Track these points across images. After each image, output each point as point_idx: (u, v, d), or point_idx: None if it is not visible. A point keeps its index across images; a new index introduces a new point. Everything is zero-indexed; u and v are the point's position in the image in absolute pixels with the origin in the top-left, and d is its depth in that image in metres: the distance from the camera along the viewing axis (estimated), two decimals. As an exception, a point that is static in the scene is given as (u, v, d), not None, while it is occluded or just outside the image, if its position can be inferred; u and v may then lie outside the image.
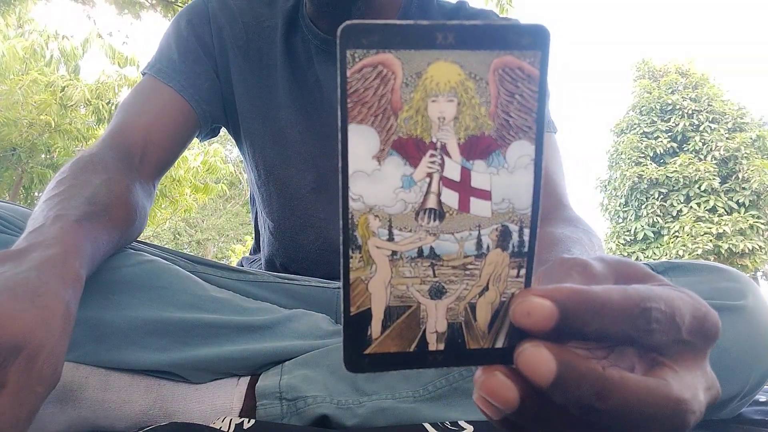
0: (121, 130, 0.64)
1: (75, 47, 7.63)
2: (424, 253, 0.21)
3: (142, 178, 0.62)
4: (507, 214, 0.21)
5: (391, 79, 0.20)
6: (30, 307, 0.34)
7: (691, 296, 0.23)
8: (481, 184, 0.21)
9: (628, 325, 0.21)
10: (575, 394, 0.19)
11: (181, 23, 0.73)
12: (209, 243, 16.23)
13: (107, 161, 0.58)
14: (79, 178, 0.53)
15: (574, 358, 0.20)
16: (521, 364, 0.20)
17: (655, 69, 15.47)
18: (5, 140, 7.28)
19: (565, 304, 0.20)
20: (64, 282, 0.38)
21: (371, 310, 0.21)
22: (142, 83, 0.70)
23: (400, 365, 0.22)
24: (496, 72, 0.20)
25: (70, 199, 0.48)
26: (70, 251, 0.41)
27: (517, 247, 0.22)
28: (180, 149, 0.70)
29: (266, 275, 0.67)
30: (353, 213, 0.20)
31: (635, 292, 0.21)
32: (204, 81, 0.70)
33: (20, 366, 0.32)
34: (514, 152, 0.21)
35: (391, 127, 0.20)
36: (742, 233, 12.34)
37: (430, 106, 0.20)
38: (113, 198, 0.52)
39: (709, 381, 0.23)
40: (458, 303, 0.22)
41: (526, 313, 0.20)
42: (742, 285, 0.52)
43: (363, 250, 0.21)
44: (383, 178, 0.20)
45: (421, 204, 0.21)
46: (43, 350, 0.33)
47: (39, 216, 0.45)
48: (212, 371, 0.54)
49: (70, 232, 0.43)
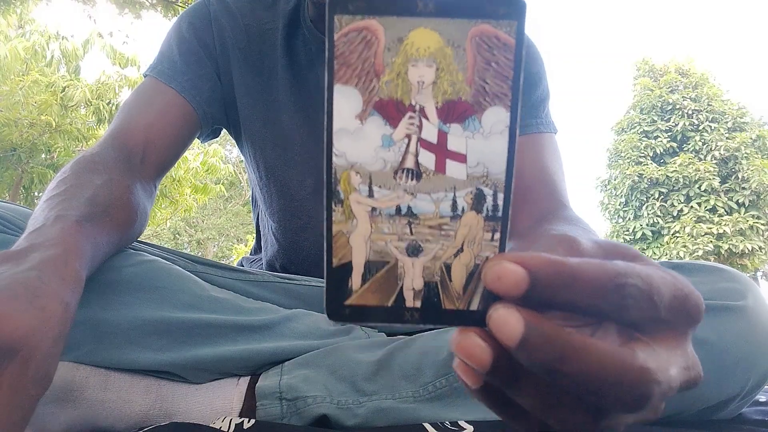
0: (122, 130, 0.64)
1: (76, 47, 7.64)
2: (402, 211, 0.22)
3: (143, 179, 0.62)
4: (481, 177, 0.22)
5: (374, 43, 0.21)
6: (28, 308, 0.34)
7: (674, 276, 0.23)
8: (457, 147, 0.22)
9: (600, 298, 0.21)
10: (540, 355, 0.20)
11: (183, 25, 0.73)
12: (209, 243, 16.24)
13: (108, 162, 0.58)
14: (80, 178, 0.52)
15: (541, 321, 0.20)
16: (492, 324, 0.21)
17: (655, 68, 15.47)
18: (6, 140, 7.29)
19: (537, 271, 0.20)
20: (64, 282, 0.38)
21: (352, 263, 0.22)
22: (143, 84, 0.70)
23: (379, 318, 0.23)
24: (474, 40, 0.21)
25: (71, 199, 0.48)
26: (70, 252, 0.41)
27: (491, 211, 0.22)
28: (181, 150, 0.70)
29: (266, 275, 0.68)
30: (336, 168, 0.22)
31: (611, 267, 0.21)
32: (205, 83, 0.71)
33: (16, 367, 0.32)
34: (490, 118, 0.22)
35: (373, 88, 0.21)
36: (742, 233, 12.34)
37: (410, 70, 0.21)
38: (114, 198, 0.52)
39: (688, 361, 0.23)
40: (434, 262, 0.23)
41: (497, 277, 0.21)
42: (742, 285, 0.52)
43: (345, 204, 0.22)
44: (365, 137, 0.22)
45: (400, 163, 0.22)
46: (39, 352, 0.33)
47: (39, 216, 0.45)
48: (212, 371, 0.54)
49: (70, 233, 0.43)
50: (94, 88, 7.47)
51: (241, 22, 0.73)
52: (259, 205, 0.86)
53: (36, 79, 7.24)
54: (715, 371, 0.49)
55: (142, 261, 0.57)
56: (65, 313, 0.36)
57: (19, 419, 0.32)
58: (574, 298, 0.21)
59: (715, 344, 0.49)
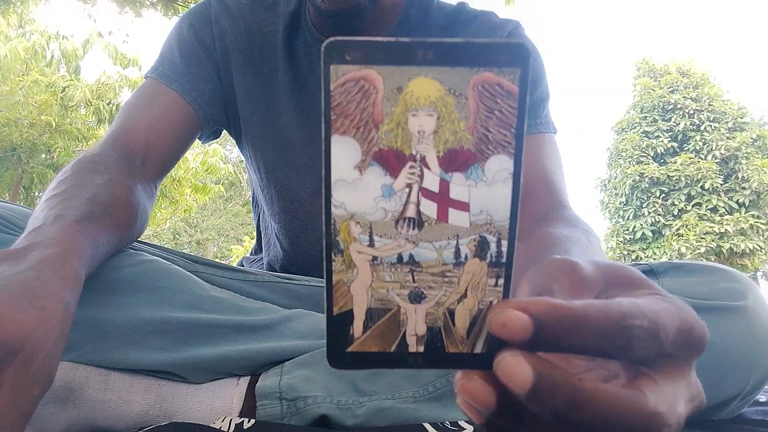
0: (123, 131, 0.64)
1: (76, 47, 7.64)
2: (403, 259, 0.22)
3: (144, 179, 0.62)
4: (485, 225, 0.22)
5: (372, 93, 0.21)
6: (29, 308, 0.34)
7: (679, 307, 0.23)
8: (460, 195, 0.22)
9: (605, 341, 0.21)
10: (550, 403, 0.20)
11: (184, 27, 0.73)
12: (209, 243, 16.23)
13: (109, 162, 0.58)
14: (80, 178, 0.53)
15: (551, 368, 0.20)
16: (500, 371, 0.20)
17: (655, 68, 15.47)
18: (6, 140, 7.29)
19: (541, 317, 0.20)
20: (64, 282, 0.38)
21: (353, 311, 0.22)
22: (144, 86, 0.70)
23: (381, 364, 0.23)
24: (476, 88, 0.21)
25: (71, 199, 0.48)
26: (69, 251, 0.41)
27: (495, 258, 0.22)
28: (182, 151, 0.70)
29: (266, 275, 0.67)
30: (335, 219, 0.22)
31: (616, 309, 0.21)
32: (206, 84, 0.71)
33: (17, 368, 0.32)
34: (493, 166, 0.22)
35: (372, 139, 0.21)
36: (743, 233, 12.34)
37: (411, 119, 0.21)
38: (114, 198, 0.52)
39: (693, 392, 0.23)
40: (437, 308, 0.23)
41: (502, 324, 0.20)
42: (742, 285, 0.52)
43: (345, 254, 0.22)
44: (364, 187, 0.21)
45: (401, 213, 0.22)
46: (40, 352, 0.33)
47: (39, 216, 0.45)
48: (212, 371, 0.54)
49: (69, 232, 0.43)
50: (94, 88, 7.47)
51: (241, 23, 0.74)
52: (260, 206, 0.86)
53: (36, 79, 7.23)
54: (715, 371, 0.49)
55: (142, 261, 0.57)
56: (65, 312, 0.36)
57: (20, 419, 0.33)
58: (579, 341, 0.21)
59: (715, 344, 0.49)
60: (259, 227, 0.89)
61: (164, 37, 0.76)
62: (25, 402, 0.33)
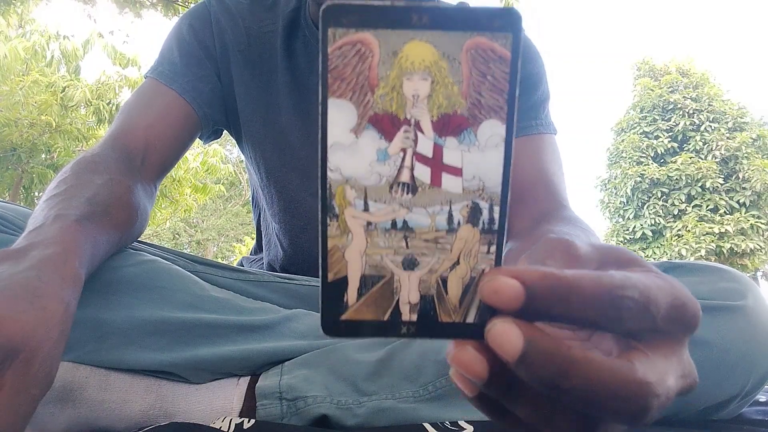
0: (122, 131, 0.64)
1: (76, 47, 7.64)
2: (397, 225, 0.22)
3: (144, 179, 0.62)
4: (477, 191, 0.22)
5: (368, 56, 0.21)
6: (29, 309, 0.34)
7: (672, 284, 0.23)
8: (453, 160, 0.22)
9: (596, 312, 0.21)
10: (540, 371, 0.20)
11: (183, 27, 0.73)
12: (209, 243, 16.23)
13: (109, 162, 0.58)
14: (80, 178, 0.53)
15: (541, 336, 0.20)
16: (490, 339, 0.21)
17: (655, 68, 15.46)
18: (6, 140, 7.28)
19: (533, 285, 0.20)
20: (64, 282, 0.38)
21: (347, 277, 0.22)
22: (144, 86, 0.70)
23: (375, 333, 0.23)
24: (469, 52, 0.21)
25: (71, 198, 0.48)
26: (69, 251, 0.41)
27: (487, 224, 0.22)
28: (181, 151, 0.70)
29: (266, 275, 0.68)
30: (331, 183, 0.22)
31: (608, 280, 0.21)
32: (206, 84, 0.71)
33: (17, 368, 0.32)
34: (485, 131, 0.22)
35: (368, 102, 0.21)
36: (743, 233, 12.33)
37: (405, 83, 0.21)
38: (114, 198, 0.52)
39: (684, 369, 0.23)
40: (430, 275, 0.23)
41: (493, 291, 0.21)
42: (742, 285, 0.52)
43: (340, 219, 0.22)
44: (359, 151, 0.21)
45: (395, 177, 0.22)
46: (41, 353, 0.33)
47: (39, 216, 0.45)
48: (212, 371, 0.54)
49: (69, 232, 0.43)
50: (94, 88, 7.47)
51: (241, 23, 0.74)
52: (260, 206, 0.86)
53: (36, 79, 7.23)
54: (715, 371, 0.49)
55: (142, 261, 0.57)
56: (65, 312, 0.36)
57: (20, 420, 0.33)
58: (570, 311, 0.21)
59: (715, 344, 0.49)
60: (259, 227, 0.89)
61: (164, 37, 0.76)
62: (25, 403, 0.33)
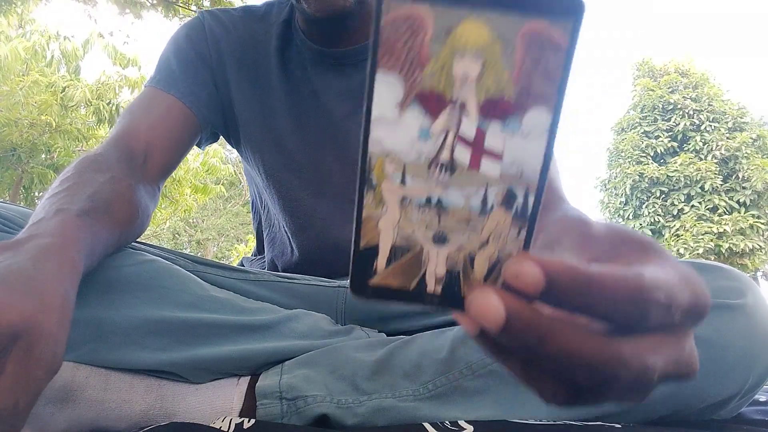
0: (125, 133, 0.65)
1: (76, 47, 7.64)
2: (432, 201, 0.22)
3: (146, 180, 0.63)
4: (515, 177, 0.22)
5: (421, 32, 0.20)
6: (25, 296, 0.34)
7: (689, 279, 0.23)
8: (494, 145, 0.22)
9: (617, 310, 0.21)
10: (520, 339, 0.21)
11: (180, 37, 0.76)
12: (209, 243, 16.22)
13: (111, 161, 0.59)
14: (82, 176, 0.53)
15: (522, 306, 0.21)
16: (472, 309, 0.21)
17: (655, 68, 15.47)
18: (6, 140, 7.29)
19: (555, 276, 0.21)
20: (61, 270, 0.38)
21: (378, 246, 0.23)
22: (143, 93, 0.72)
23: (400, 299, 0.23)
24: (525, 37, 0.20)
25: (73, 195, 0.49)
26: (68, 241, 0.41)
27: (520, 210, 0.22)
28: (182, 152, 0.72)
29: (267, 274, 0.68)
30: (372, 155, 0.22)
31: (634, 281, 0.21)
32: (203, 89, 0.73)
33: (19, 353, 0.33)
34: (531, 119, 0.21)
35: (416, 78, 0.21)
36: (743, 233, 12.33)
37: (456, 63, 0.21)
38: (115, 196, 0.53)
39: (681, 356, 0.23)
40: (458, 252, 0.23)
41: (515, 275, 0.21)
42: (742, 284, 0.52)
43: (376, 191, 0.22)
44: (403, 127, 0.21)
45: (435, 156, 0.22)
46: (42, 336, 0.34)
47: (40, 211, 0.46)
48: (212, 371, 0.54)
49: (69, 224, 0.44)
50: (94, 88, 7.48)
51: (234, 33, 0.76)
52: (260, 212, 0.87)
53: (36, 79, 7.24)
54: (715, 369, 0.49)
55: (142, 261, 0.57)
56: (64, 298, 0.37)
57: (25, 402, 0.33)
58: (588, 306, 0.21)
59: (715, 342, 0.49)
60: (260, 231, 0.89)
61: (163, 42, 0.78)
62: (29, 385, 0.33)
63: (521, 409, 0.51)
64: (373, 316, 0.64)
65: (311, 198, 0.76)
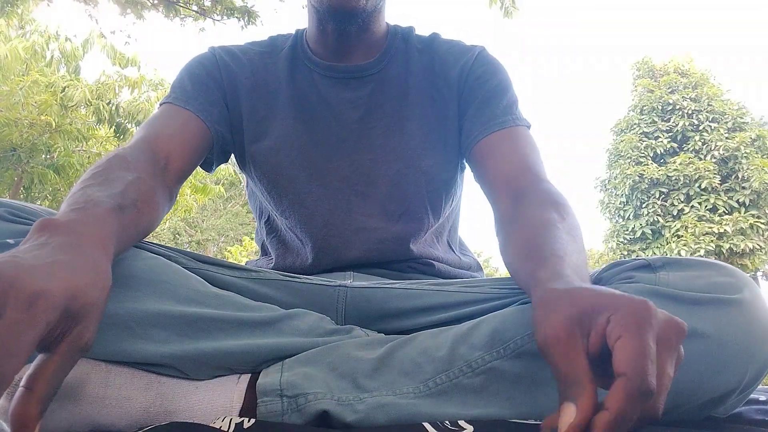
0: (148, 139, 0.70)
1: (76, 47, 7.64)
2: None
3: (165, 184, 0.68)
4: None
5: None
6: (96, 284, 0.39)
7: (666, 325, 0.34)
8: None
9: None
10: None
11: (193, 63, 0.82)
12: (209, 243, 16.22)
13: (139, 162, 0.64)
14: (114, 172, 0.59)
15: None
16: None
17: (654, 69, 15.47)
18: (5, 140, 7.28)
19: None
20: (108, 261, 0.44)
21: None
22: (161, 109, 0.78)
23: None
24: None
25: (106, 189, 0.54)
26: (107, 234, 0.47)
27: None
28: (197, 161, 0.77)
29: (269, 273, 0.68)
30: None
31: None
32: (214, 107, 0.79)
33: (78, 332, 0.37)
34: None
35: None
36: (743, 233, 12.32)
37: None
38: (141, 195, 0.58)
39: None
40: None
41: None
42: (738, 280, 0.52)
43: None
44: None
45: None
46: (94, 322, 0.39)
47: (79, 198, 0.51)
48: (213, 365, 0.54)
49: (107, 217, 0.49)
50: (94, 88, 7.47)
51: (245, 59, 0.83)
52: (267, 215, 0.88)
53: (36, 79, 7.23)
54: (713, 364, 0.49)
55: (145, 257, 0.58)
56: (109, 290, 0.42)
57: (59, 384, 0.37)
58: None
59: (712, 337, 0.49)
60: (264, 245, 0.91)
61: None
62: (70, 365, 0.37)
63: (520, 408, 0.51)
64: (373, 316, 0.65)
65: (318, 189, 0.79)
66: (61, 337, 0.36)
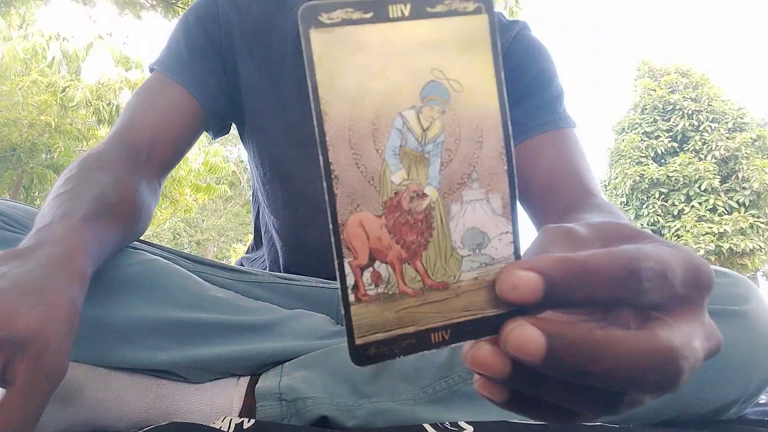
0: (128, 128, 0.64)
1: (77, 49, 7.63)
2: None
3: (149, 176, 0.63)
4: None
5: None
6: (37, 305, 0.34)
7: (681, 249, 0.23)
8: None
9: (618, 288, 0.20)
10: (569, 363, 0.19)
11: (191, 19, 0.74)
12: (209, 243, 16.21)
13: (114, 160, 0.58)
14: (87, 176, 0.53)
15: (562, 328, 0.19)
16: (510, 346, 0.20)
17: (655, 69, 15.46)
18: (5, 140, 7.28)
19: (550, 273, 0.20)
20: (70, 279, 0.39)
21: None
22: (150, 80, 0.71)
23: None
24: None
25: (78, 197, 0.49)
26: (76, 249, 0.41)
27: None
28: (187, 147, 0.70)
29: (267, 275, 0.67)
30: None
31: (622, 254, 0.20)
32: (212, 77, 0.71)
33: (28, 363, 0.33)
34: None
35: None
36: (743, 233, 12.32)
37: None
38: (120, 197, 0.53)
39: (708, 331, 0.23)
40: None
41: (512, 287, 0.20)
42: (745, 290, 0.51)
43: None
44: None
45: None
46: (50, 347, 0.34)
47: (47, 214, 0.46)
48: (212, 371, 0.54)
49: (76, 230, 0.43)
50: (94, 89, 7.47)
51: (248, 17, 0.74)
52: (260, 202, 0.85)
53: (35, 79, 7.23)
54: (717, 375, 0.49)
55: (142, 260, 0.57)
56: (72, 308, 0.37)
57: (33, 413, 0.33)
58: (591, 292, 0.20)
59: None
60: (259, 224, 0.88)
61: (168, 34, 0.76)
62: (37, 397, 0.33)
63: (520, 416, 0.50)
64: None
65: (316, 193, 0.74)
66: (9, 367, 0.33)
